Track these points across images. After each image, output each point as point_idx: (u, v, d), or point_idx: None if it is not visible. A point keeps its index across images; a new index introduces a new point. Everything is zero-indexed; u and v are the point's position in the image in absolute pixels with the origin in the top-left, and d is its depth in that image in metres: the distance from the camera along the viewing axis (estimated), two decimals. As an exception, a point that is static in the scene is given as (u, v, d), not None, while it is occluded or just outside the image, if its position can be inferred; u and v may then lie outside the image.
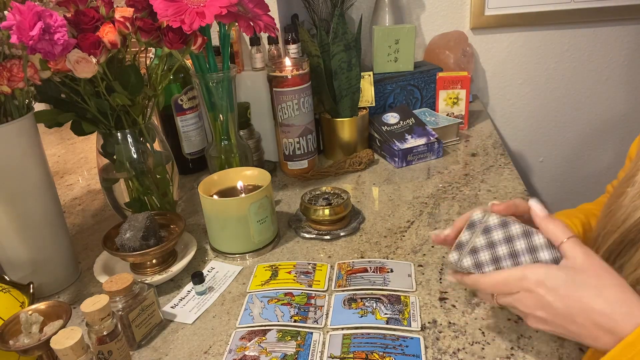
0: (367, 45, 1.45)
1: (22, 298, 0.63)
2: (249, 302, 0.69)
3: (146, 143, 0.82)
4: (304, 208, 0.85)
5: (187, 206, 1.00)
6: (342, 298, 0.68)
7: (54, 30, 0.59)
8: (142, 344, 0.63)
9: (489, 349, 0.57)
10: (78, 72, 0.66)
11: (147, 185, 0.83)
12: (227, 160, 0.92)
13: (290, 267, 0.76)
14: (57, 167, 1.28)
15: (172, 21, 0.68)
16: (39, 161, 0.71)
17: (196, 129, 1.09)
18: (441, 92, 1.22)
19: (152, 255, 0.72)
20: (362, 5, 1.49)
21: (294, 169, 1.06)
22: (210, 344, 0.62)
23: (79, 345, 0.48)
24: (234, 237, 0.79)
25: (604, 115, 1.59)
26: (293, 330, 0.63)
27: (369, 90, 1.15)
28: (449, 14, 1.48)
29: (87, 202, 1.06)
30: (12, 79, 0.63)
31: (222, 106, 0.88)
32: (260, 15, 0.79)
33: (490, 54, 1.52)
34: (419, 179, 1.01)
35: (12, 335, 0.55)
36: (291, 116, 1.00)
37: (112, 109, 0.76)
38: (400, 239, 0.81)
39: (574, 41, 1.48)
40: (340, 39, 1.03)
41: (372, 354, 0.57)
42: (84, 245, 0.89)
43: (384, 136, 1.10)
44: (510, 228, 0.49)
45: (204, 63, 0.86)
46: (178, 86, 1.04)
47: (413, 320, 0.62)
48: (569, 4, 1.42)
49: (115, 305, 0.60)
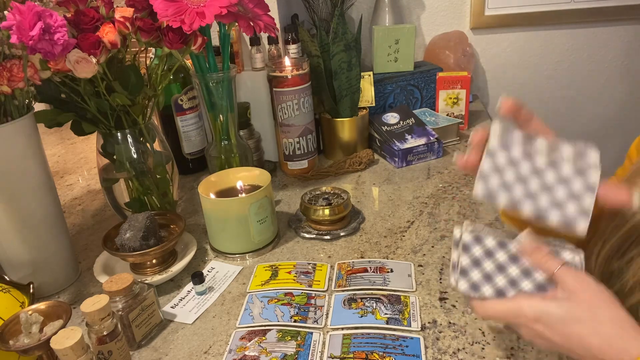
0: (367, 45, 1.45)
1: (22, 298, 0.63)
2: (249, 302, 0.69)
3: (146, 143, 0.82)
4: (304, 208, 0.85)
5: (187, 206, 1.00)
6: (342, 298, 0.68)
7: (54, 30, 0.59)
8: (142, 344, 0.63)
9: (489, 349, 0.57)
10: (78, 72, 0.66)
11: (147, 185, 0.83)
12: (227, 160, 0.92)
13: (290, 267, 0.76)
14: (57, 167, 1.28)
15: (172, 21, 0.68)
16: (39, 161, 0.71)
17: (196, 129, 1.09)
18: (441, 92, 1.22)
19: (152, 255, 0.72)
20: (362, 5, 1.49)
21: (294, 169, 1.06)
22: (210, 344, 0.62)
23: (79, 345, 0.48)
24: (234, 237, 0.79)
25: (604, 115, 1.59)
26: (293, 330, 0.63)
27: (369, 90, 1.15)
28: (449, 14, 1.48)
29: (87, 202, 1.06)
30: (12, 79, 0.63)
31: (222, 106, 0.88)
32: (260, 15, 0.79)
33: (490, 54, 1.52)
34: (419, 179, 1.01)
35: (12, 335, 0.55)
36: (291, 116, 1.00)
37: (112, 109, 0.76)
38: (400, 239, 0.81)
39: (574, 41, 1.48)
40: (340, 39, 1.03)
41: (372, 354, 0.57)
42: (84, 245, 0.89)
43: (384, 136, 1.10)
44: (489, 241, 0.47)
45: (204, 63, 0.86)
46: (178, 86, 1.03)
47: (413, 320, 0.62)
48: (569, 4, 1.42)
49: (115, 305, 0.60)
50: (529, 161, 0.46)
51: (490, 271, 0.47)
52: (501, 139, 0.46)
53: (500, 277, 0.47)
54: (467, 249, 0.48)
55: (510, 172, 0.46)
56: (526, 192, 0.45)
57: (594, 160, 0.45)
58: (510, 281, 0.47)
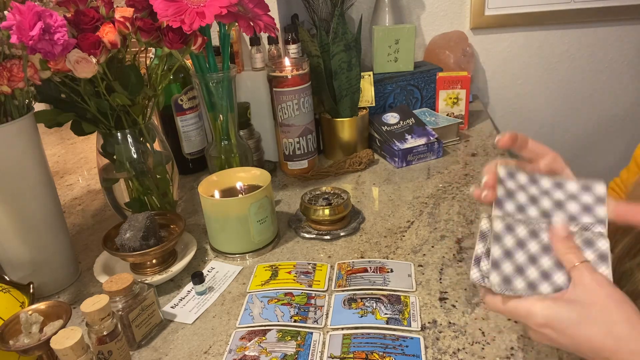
0: (367, 45, 1.45)
1: (22, 298, 0.63)
2: (249, 302, 0.69)
3: (146, 143, 0.82)
4: (304, 208, 0.85)
5: (187, 206, 1.00)
6: (342, 298, 0.68)
7: (54, 30, 0.59)
8: (142, 344, 0.63)
9: (489, 349, 0.57)
10: (78, 72, 0.66)
11: (147, 185, 0.83)
12: (227, 160, 0.92)
13: (290, 267, 0.76)
14: (57, 167, 1.28)
15: (172, 21, 0.68)
16: (39, 161, 0.71)
17: (196, 129, 1.09)
18: (441, 92, 1.22)
19: (152, 255, 0.72)
20: (362, 5, 1.48)
21: (294, 169, 1.06)
22: (210, 344, 0.62)
23: (79, 345, 0.48)
24: (234, 237, 0.79)
25: (604, 116, 1.59)
26: (293, 330, 0.63)
27: (369, 90, 1.15)
28: (449, 14, 1.48)
29: (87, 202, 1.06)
30: (12, 79, 0.63)
31: (222, 106, 0.88)
32: (260, 15, 0.79)
33: (490, 54, 1.52)
34: (419, 179, 1.01)
35: (12, 335, 0.55)
36: (291, 116, 1.00)
37: (112, 109, 0.76)
38: (400, 239, 0.81)
39: (574, 41, 1.48)
40: (340, 39, 1.03)
41: (372, 354, 0.57)
42: (84, 245, 0.89)
43: (384, 136, 1.10)
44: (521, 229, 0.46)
45: (204, 63, 0.86)
46: (178, 86, 1.04)
47: (413, 320, 0.62)
48: (569, 4, 1.42)
49: (115, 305, 0.60)
50: (536, 185, 0.47)
51: (522, 262, 0.45)
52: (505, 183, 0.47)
53: (532, 269, 0.45)
54: (499, 238, 0.45)
55: (521, 195, 0.47)
56: (541, 212, 0.46)
57: (599, 193, 0.45)
58: (543, 274, 0.44)
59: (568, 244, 0.44)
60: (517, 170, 0.48)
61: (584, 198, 0.45)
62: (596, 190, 0.45)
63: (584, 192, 0.46)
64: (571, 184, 0.46)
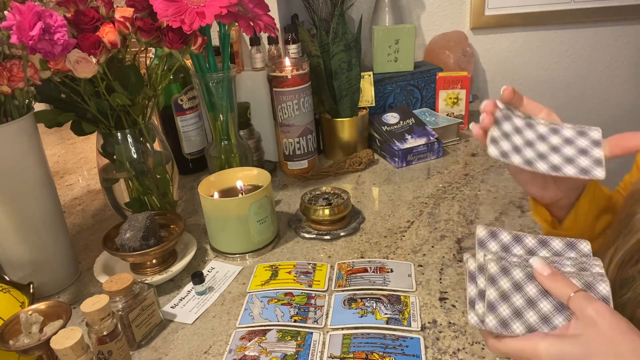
0: (367, 45, 1.45)
1: (22, 298, 0.63)
2: (249, 302, 0.69)
3: (146, 143, 0.82)
4: (304, 208, 0.85)
5: (187, 206, 1.00)
6: (342, 298, 0.68)
7: (54, 30, 0.59)
8: (142, 344, 0.63)
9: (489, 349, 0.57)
10: (78, 72, 0.66)
11: (147, 185, 0.83)
12: (227, 160, 0.92)
13: (290, 267, 0.76)
14: (57, 167, 1.28)
15: (172, 21, 0.68)
16: (39, 161, 0.71)
17: (196, 129, 1.09)
18: (441, 92, 1.22)
19: (152, 255, 0.72)
20: (362, 5, 1.48)
21: (294, 169, 1.06)
22: (210, 344, 0.62)
23: (79, 345, 0.48)
24: (234, 237, 0.79)
25: (604, 116, 1.59)
26: (293, 330, 0.63)
27: (369, 90, 1.15)
28: (449, 14, 1.48)
29: (87, 202, 1.06)
30: (12, 79, 0.63)
31: (222, 106, 0.88)
32: (260, 15, 0.79)
33: (490, 54, 1.52)
34: (419, 179, 1.01)
35: (12, 335, 0.55)
36: (291, 116, 1.00)
37: (112, 109, 0.76)
38: (400, 239, 0.81)
39: (574, 41, 1.48)
40: (340, 39, 1.03)
41: (372, 354, 0.57)
42: (84, 245, 0.89)
43: (384, 136, 1.10)
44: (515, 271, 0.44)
45: (204, 63, 0.86)
46: (178, 86, 1.04)
47: (413, 320, 0.62)
48: (569, 4, 1.42)
49: (115, 305, 0.60)
50: (532, 129, 0.46)
51: (520, 306, 0.43)
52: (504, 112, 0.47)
53: (531, 313, 0.43)
54: (494, 281, 0.44)
55: (517, 137, 0.46)
56: (537, 154, 0.45)
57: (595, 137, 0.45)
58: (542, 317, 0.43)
59: (555, 277, 0.43)
60: (514, 111, 0.47)
61: (580, 142, 0.45)
62: (592, 135, 0.45)
63: (579, 136, 0.45)
64: (567, 130, 0.46)
